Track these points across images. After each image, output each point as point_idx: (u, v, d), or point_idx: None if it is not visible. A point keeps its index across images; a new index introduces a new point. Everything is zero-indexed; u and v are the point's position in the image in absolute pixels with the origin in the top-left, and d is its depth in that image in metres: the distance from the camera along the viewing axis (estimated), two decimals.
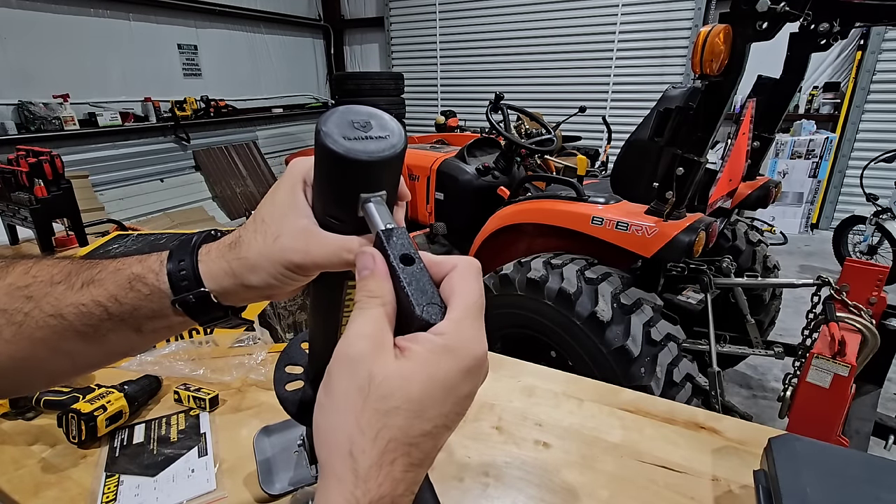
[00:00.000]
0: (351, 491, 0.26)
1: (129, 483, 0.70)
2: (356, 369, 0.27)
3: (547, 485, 0.70)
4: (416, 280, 0.30)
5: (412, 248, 0.31)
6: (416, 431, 0.27)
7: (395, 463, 0.26)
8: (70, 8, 4.95)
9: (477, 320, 0.30)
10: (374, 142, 0.32)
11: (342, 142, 0.31)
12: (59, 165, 1.51)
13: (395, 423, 0.26)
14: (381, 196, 0.33)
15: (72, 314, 0.39)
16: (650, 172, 1.78)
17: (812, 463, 0.59)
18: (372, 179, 0.33)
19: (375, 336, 0.28)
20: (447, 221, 2.76)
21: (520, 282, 1.88)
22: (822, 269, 4.09)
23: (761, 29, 1.39)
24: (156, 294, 0.39)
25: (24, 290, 0.39)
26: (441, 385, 0.28)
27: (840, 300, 1.47)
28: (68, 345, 0.39)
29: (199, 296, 0.39)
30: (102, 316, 0.39)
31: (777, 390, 2.03)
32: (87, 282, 0.40)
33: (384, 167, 0.33)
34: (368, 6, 7.85)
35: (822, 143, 4.98)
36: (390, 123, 0.35)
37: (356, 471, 0.26)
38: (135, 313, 0.39)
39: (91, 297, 0.39)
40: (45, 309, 0.39)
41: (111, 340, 0.40)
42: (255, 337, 1.03)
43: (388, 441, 0.26)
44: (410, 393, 0.27)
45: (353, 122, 0.33)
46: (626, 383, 1.56)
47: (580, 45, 6.33)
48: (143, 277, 0.40)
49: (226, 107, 6.46)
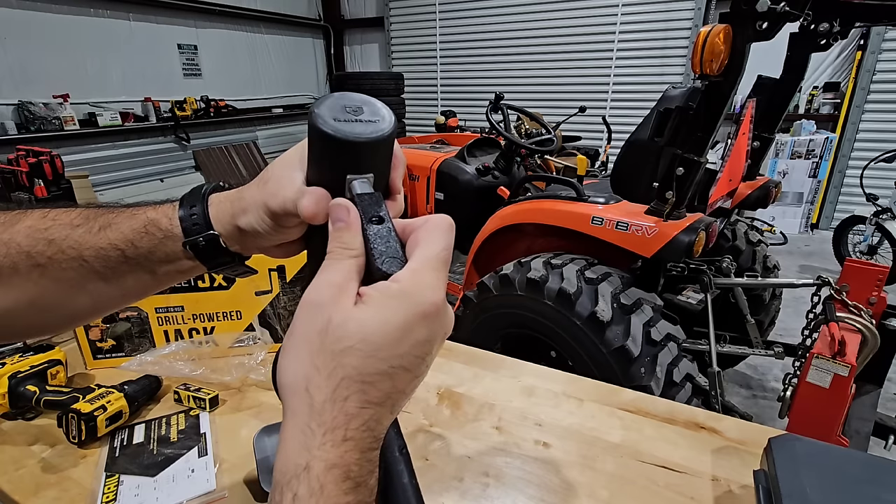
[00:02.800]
0: (306, 423, 0.28)
1: (129, 483, 0.69)
2: (317, 314, 0.29)
3: (547, 485, 0.70)
4: (382, 238, 0.32)
5: (384, 211, 0.33)
6: (370, 370, 0.28)
7: (348, 399, 0.28)
8: (70, 8, 4.95)
9: (436, 270, 0.31)
10: (363, 125, 0.34)
11: (331, 122, 0.33)
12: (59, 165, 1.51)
13: (349, 363, 0.28)
14: (367, 179, 0.35)
15: (91, 256, 0.40)
16: (650, 172, 1.78)
17: (812, 463, 0.59)
18: (358, 161, 0.34)
19: (340, 284, 0.30)
20: None
21: (520, 282, 1.88)
22: (822, 269, 4.09)
23: (761, 29, 1.39)
24: (169, 237, 0.41)
25: (45, 232, 0.41)
26: (395, 327, 0.29)
27: (840, 300, 1.47)
28: (89, 285, 0.41)
29: (209, 238, 0.41)
30: (120, 258, 0.41)
31: (777, 390, 2.03)
32: (105, 226, 0.41)
33: (371, 149, 0.34)
34: (368, 6, 7.85)
35: (822, 143, 4.98)
36: (382, 110, 0.36)
37: (311, 405, 0.28)
38: (150, 257, 0.41)
39: (108, 241, 0.41)
40: (66, 252, 0.40)
41: (128, 282, 0.42)
42: (255, 337, 1.03)
43: (341, 378, 0.28)
44: (364, 334, 0.28)
45: (346, 107, 0.34)
46: (626, 383, 1.56)
47: (580, 45, 6.33)
48: (157, 222, 0.41)
49: (226, 107, 6.46)
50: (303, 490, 0.26)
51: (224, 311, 1.01)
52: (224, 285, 0.98)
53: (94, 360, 0.99)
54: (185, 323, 1.00)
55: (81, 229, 0.41)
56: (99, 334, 0.97)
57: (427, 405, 0.87)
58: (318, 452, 0.27)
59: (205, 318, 1.00)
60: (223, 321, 1.01)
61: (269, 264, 0.99)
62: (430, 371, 0.36)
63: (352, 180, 0.34)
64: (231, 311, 1.01)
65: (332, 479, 0.27)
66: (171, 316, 0.99)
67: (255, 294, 1.01)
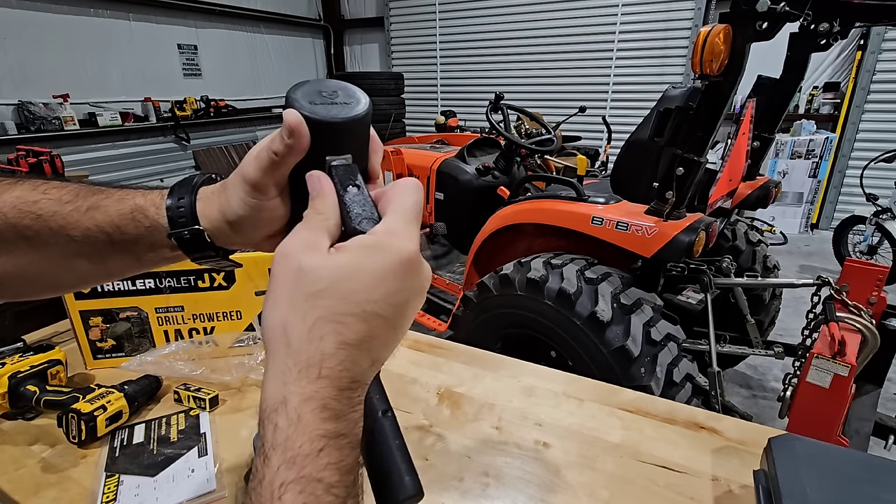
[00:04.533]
0: (283, 361, 0.29)
1: (129, 483, 0.69)
2: (289, 262, 0.31)
3: (547, 485, 0.70)
4: (357, 202, 0.34)
5: (359, 179, 0.35)
6: (343, 310, 0.29)
7: (324, 339, 0.29)
8: (70, 8, 4.95)
9: (409, 223, 0.33)
10: (338, 107, 0.35)
11: (307, 105, 0.34)
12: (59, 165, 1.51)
13: (322, 304, 0.29)
14: (346, 159, 0.36)
15: (78, 236, 0.41)
16: (650, 172, 1.78)
17: (812, 463, 0.59)
18: (336, 142, 0.35)
19: (310, 239, 0.32)
20: (447, 221, 2.76)
21: (520, 282, 1.88)
22: (822, 269, 4.09)
23: (761, 29, 1.39)
24: (155, 227, 0.41)
25: (33, 206, 0.41)
26: (369, 273, 0.30)
27: (840, 300, 1.47)
28: (74, 262, 0.42)
29: (194, 233, 0.41)
30: (105, 241, 0.41)
31: (777, 390, 2.03)
32: (93, 206, 0.41)
33: (347, 130, 0.35)
34: (368, 6, 7.85)
35: (822, 143, 4.98)
36: (357, 93, 0.37)
37: (289, 344, 0.29)
38: (135, 243, 0.42)
39: (96, 223, 0.41)
40: (53, 228, 0.40)
41: (112, 264, 0.43)
42: (255, 337, 1.03)
43: (315, 319, 0.29)
44: (336, 278, 0.30)
45: (322, 92, 0.35)
46: (626, 383, 1.56)
47: (580, 45, 6.33)
48: (144, 210, 0.42)
49: (226, 107, 6.46)
50: (282, 421, 0.28)
51: (224, 311, 1.01)
52: (224, 285, 0.98)
53: (94, 360, 0.99)
54: (185, 323, 1.00)
55: (70, 206, 0.41)
56: (99, 334, 0.97)
57: (427, 405, 0.87)
58: (294, 387, 0.28)
59: (205, 318, 1.00)
60: (223, 321, 1.01)
61: (269, 264, 0.99)
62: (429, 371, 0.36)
63: (331, 161, 0.35)
64: (231, 311, 1.01)
65: (309, 409, 0.28)
66: (171, 316, 0.99)
67: (255, 294, 1.01)
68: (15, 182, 0.43)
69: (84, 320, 0.95)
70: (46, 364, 0.87)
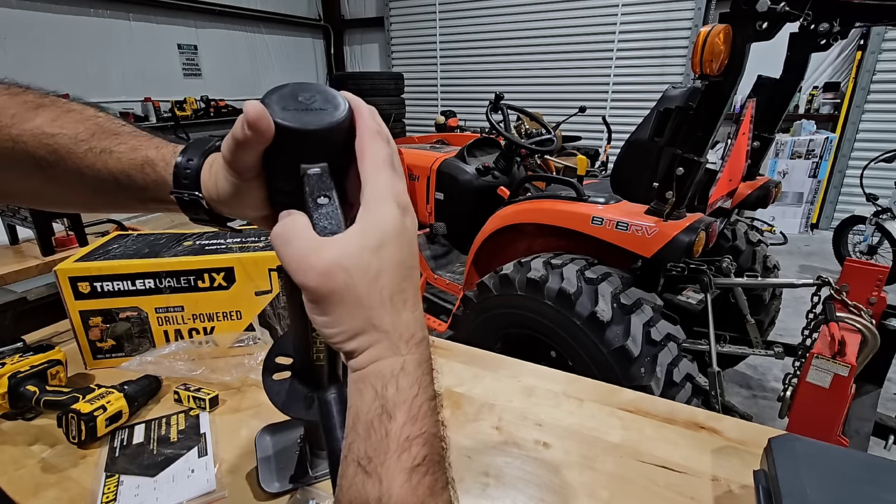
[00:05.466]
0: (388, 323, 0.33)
1: (129, 483, 0.69)
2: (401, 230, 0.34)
3: (547, 485, 0.70)
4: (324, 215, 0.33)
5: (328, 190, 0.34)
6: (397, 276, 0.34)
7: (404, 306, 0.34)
8: (70, 8, 4.95)
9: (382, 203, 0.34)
10: (313, 114, 0.34)
11: (277, 111, 0.33)
12: None
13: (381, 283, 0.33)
14: (321, 167, 0.35)
15: (90, 175, 0.43)
16: (650, 172, 1.78)
17: (812, 463, 0.59)
18: (306, 150, 0.34)
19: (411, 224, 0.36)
20: (447, 221, 2.76)
21: (520, 282, 1.88)
22: (822, 269, 4.09)
23: (761, 29, 1.39)
24: (160, 182, 0.43)
25: (51, 138, 0.43)
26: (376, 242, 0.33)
27: (840, 300, 1.47)
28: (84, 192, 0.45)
29: (192, 198, 0.42)
30: (114, 184, 0.43)
31: (777, 390, 2.03)
32: (106, 150, 0.43)
33: (317, 138, 0.34)
34: (368, 6, 7.85)
35: (822, 143, 4.98)
36: (336, 99, 0.35)
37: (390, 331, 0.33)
38: (141, 192, 0.44)
39: (106, 167, 0.43)
40: (67, 164, 0.43)
41: (119, 202, 0.46)
42: (255, 337, 1.03)
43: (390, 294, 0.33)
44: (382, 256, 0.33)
45: (299, 97, 0.34)
46: (626, 383, 1.56)
47: (580, 45, 6.33)
48: (154, 163, 0.43)
49: (226, 107, 6.45)
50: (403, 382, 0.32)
51: (224, 311, 1.01)
52: (224, 285, 0.98)
53: (94, 360, 0.99)
54: (185, 323, 1.00)
55: (85, 146, 0.43)
56: (99, 334, 0.97)
57: None
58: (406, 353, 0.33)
59: (205, 318, 1.00)
60: (223, 321, 1.01)
61: (269, 264, 0.99)
62: None
63: (305, 170, 0.34)
64: (231, 311, 1.01)
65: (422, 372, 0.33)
66: (171, 316, 0.99)
67: (255, 294, 1.01)
68: (38, 108, 0.44)
69: (84, 320, 0.95)
70: (46, 364, 0.87)
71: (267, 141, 0.34)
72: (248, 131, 0.34)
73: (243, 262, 0.98)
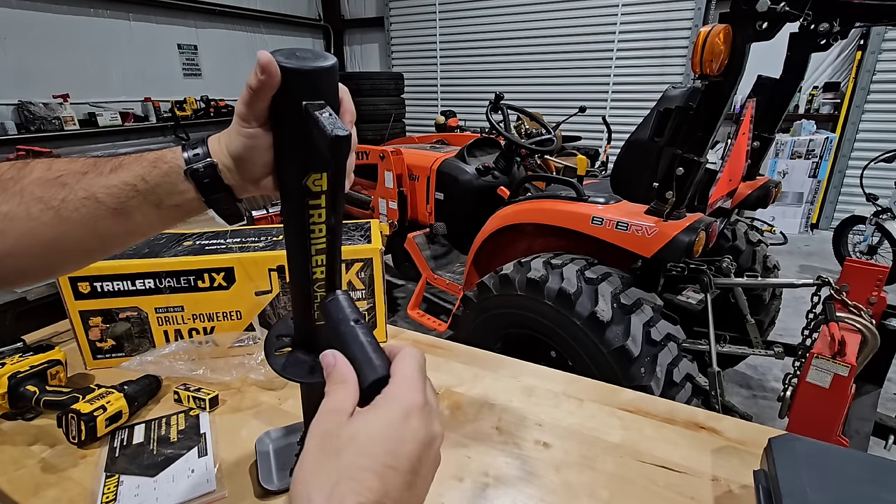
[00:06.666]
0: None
1: (129, 483, 0.69)
2: (316, 429, 0.34)
3: (547, 485, 0.70)
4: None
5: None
6: (360, 465, 0.31)
7: (344, 501, 0.30)
8: (70, 8, 4.95)
9: (416, 378, 0.37)
10: (309, 61, 0.42)
11: (283, 60, 0.41)
12: None
13: (342, 462, 0.31)
14: (321, 104, 0.41)
15: (104, 195, 0.45)
16: (650, 172, 1.78)
17: (812, 463, 0.59)
18: (308, 87, 0.42)
19: (334, 406, 0.35)
20: (447, 221, 2.76)
21: (520, 282, 1.88)
22: (822, 269, 4.09)
23: (761, 29, 1.39)
24: (174, 170, 0.46)
25: (56, 179, 0.45)
26: (380, 422, 0.33)
27: (840, 300, 1.47)
28: (100, 223, 0.46)
29: (207, 165, 0.46)
30: (131, 193, 0.45)
31: (777, 390, 2.03)
32: (116, 167, 0.46)
33: (315, 76, 0.42)
34: (368, 6, 7.85)
35: (822, 143, 4.98)
36: (326, 55, 0.43)
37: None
38: (157, 189, 0.46)
39: (120, 179, 0.45)
40: (79, 193, 0.44)
41: (135, 217, 0.47)
42: (255, 337, 1.03)
43: (335, 483, 0.30)
44: (354, 434, 0.33)
45: (296, 53, 0.42)
46: (626, 383, 1.56)
47: (580, 45, 6.33)
48: (163, 157, 0.47)
49: (226, 107, 6.46)
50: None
51: (224, 311, 1.01)
52: (224, 285, 0.98)
53: (93, 360, 0.99)
54: (185, 323, 1.00)
55: (91, 175, 0.45)
56: (99, 334, 0.97)
57: None
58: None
59: (205, 318, 1.00)
60: (223, 321, 1.01)
61: (269, 264, 0.99)
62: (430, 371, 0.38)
63: (307, 105, 0.41)
64: (231, 311, 1.01)
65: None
66: (171, 316, 0.99)
67: (255, 294, 1.01)
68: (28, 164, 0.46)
69: (84, 320, 0.95)
70: (46, 364, 0.87)
71: (276, 85, 0.41)
72: (262, 76, 0.40)
73: (243, 262, 0.98)
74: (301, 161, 0.45)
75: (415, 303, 2.76)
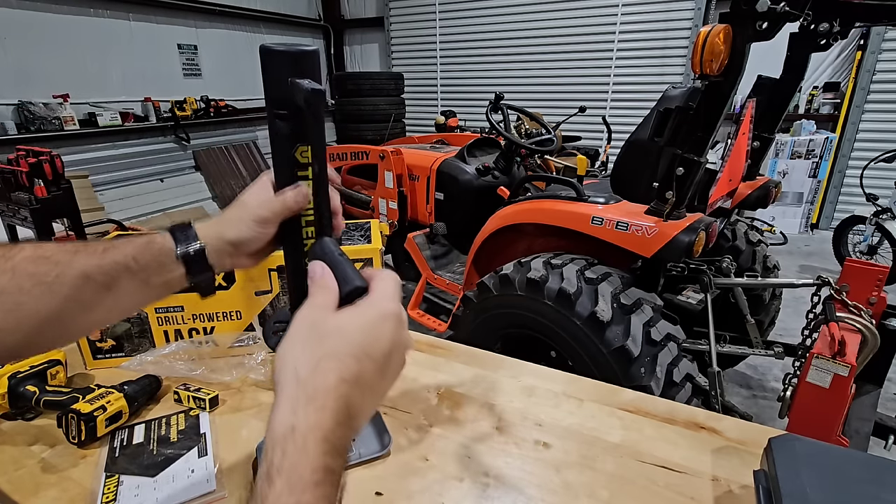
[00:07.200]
0: (293, 391, 0.35)
1: (129, 483, 0.69)
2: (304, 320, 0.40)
3: (547, 485, 0.70)
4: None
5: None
6: (343, 350, 0.37)
7: (327, 374, 0.36)
8: (70, 8, 4.95)
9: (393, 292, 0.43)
10: (294, 46, 0.48)
11: (273, 46, 0.48)
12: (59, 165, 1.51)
13: (327, 344, 0.37)
14: (308, 81, 0.46)
15: (95, 272, 0.48)
16: (650, 172, 1.78)
17: (812, 463, 0.59)
18: (295, 66, 0.48)
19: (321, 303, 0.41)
20: (447, 221, 2.76)
21: (520, 282, 1.88)
22: (822, 269, 4.09)
23: (761, 29, 1.39)
24: (164, 251, 0.51)
25: (48, 258, 0.47)
26: (363, 321, 0.39)
27: (840, 300, 1.47)
28: (92, 298, 0.48)
29: (196, 249, 0.52)
30: (121, 271, 0.49)
31: (777, 390, 2.03)
32: (108, 248, 0.49)
33: (301, 57, 0.48)
34: (368, 6, 7.85)
35: (822, 143, 4.98)
36: (309, 42, 0.54)
37: (297, 377, 0.36)
38: (146, 268, 0.50)
39: (112, 259, 0.49)
40: (70, 273, 0.47)
41: (123, 292, 0.50)
42: (255, 337, 1.03)
43: (320, 357, 0.37)
44: (339, 326, 0.39)
45: (283, 43, 0.48)
46: (626, 383, 1.56)
47: (580, 45, 6.33)
48: (154, 239, 0.52)
49: (226, 107, 6.45)
50: (290, 447, 0.33)
51: (224, 311, 1.01)
52: (224, 285, 0.98)
53: (93, 360, 0.99)
54: (185, 323, 1.00)
55: (83, 255, 0.48)
56: (99, 334, 0.97)
57: (427, 405, 0.87)
58: (301, 415, 0.34)
59: (205, 318, 1.00)
60: (223, 321, 1.01)
61: (269, 264, 0.99)
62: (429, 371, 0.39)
63: (293, 80, 0.46)
64: (231, 311, 1.01)
65: (314, 438, 0.33)
66: (171, 316, 0.99)
67: (255, 294, 1.01)
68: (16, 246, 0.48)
69: None
70: (46, 364, 0.87)
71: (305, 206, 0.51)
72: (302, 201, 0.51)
73: None
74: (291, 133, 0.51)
75: (415, 303, 2.76)
